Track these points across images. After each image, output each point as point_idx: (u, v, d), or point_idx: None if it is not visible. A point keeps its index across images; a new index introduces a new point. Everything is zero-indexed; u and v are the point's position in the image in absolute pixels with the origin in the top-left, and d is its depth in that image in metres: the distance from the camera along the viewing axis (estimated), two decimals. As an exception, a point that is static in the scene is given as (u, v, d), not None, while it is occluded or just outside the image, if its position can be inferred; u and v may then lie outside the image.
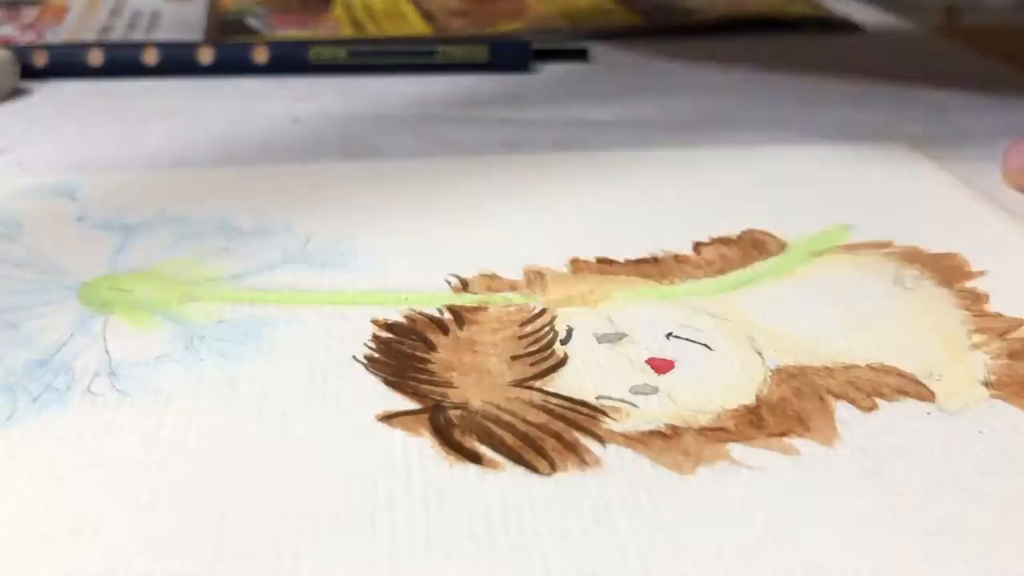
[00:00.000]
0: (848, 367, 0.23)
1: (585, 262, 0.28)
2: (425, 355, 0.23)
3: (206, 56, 0.44)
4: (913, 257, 0.28)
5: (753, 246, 0.29)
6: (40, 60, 0.44)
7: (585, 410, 0.21)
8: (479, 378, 0.22)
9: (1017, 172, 0.28)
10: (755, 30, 0.51)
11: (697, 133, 0.37)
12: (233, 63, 0.44)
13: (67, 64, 0.44)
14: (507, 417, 0.21)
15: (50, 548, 0.18)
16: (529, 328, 0.24)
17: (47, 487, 0.19)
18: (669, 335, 0.24)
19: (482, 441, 0.20)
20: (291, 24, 0.51)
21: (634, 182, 0.33)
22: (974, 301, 0.26)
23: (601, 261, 0.28)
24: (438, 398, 0.22)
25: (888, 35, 0.52)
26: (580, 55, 0.46)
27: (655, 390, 0.22)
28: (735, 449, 0.20)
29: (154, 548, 0.18)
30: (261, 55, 0.45)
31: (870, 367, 0.23)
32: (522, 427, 0.21)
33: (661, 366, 0.23)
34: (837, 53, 0.48)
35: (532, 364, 0.23)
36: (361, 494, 0.19)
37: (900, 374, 0.23)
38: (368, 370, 0.23)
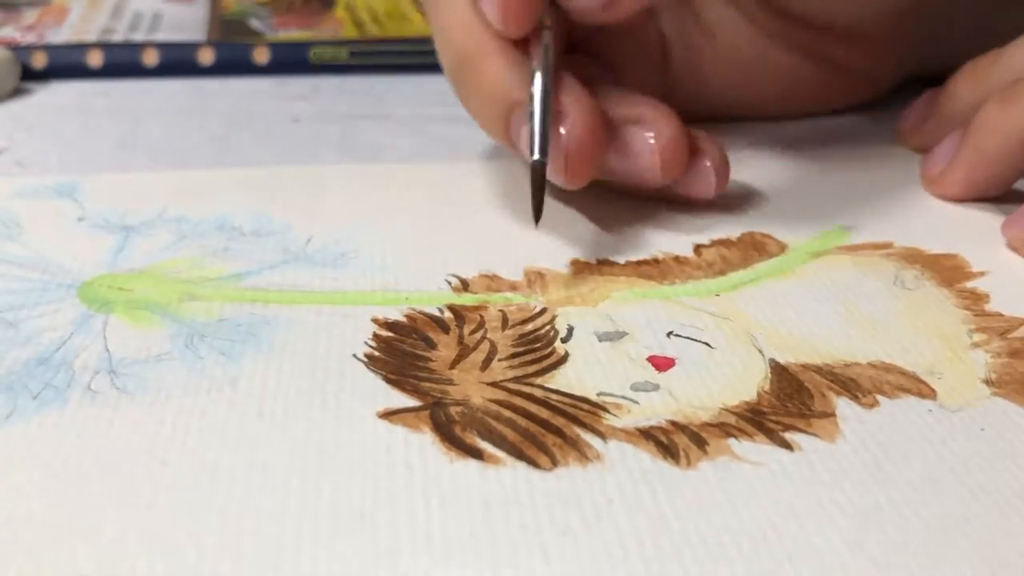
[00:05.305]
0: (849, 365, 0.23)
1: (585, 263, 0.28)
2: (426, 353, 0.23)
3: (206, 57, 0.44)
4: (913, 257, 0.28)
5: (753, 247, 0.29)
6: (40, 61, 0.44)
7: (586, 406, 0.21)
8: (479, 376, 0.22)
9: (1021, 242, 0.29)
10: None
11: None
12: (233, 63, 0.45)
13: (67, 65, 0.44)
14: (508, 413, 0.21)
15: (50, 547, 0.18)
16: (530, 327, 0.25)
17: (47, 485, 0.19)
18: (670, 334, 0.24)
19: (483, 437, 0.20)
20: (293, 25, 0.51)
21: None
22: (974, 301, 0.26)
23: (601, 262, 0.28)
24: (439, 395, 0.22)
25: None
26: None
27: (656, 387, 0.22)
28: (736, 445, 0.20)
29: (154, 546, 0.18)
30: (261, 55, 0.45)
31: (871, 365, 0.23)
32: (523, 423, 0.21)
33: (662, 363, 0.23)
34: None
35: (533, 362, 0.23)
36: (362, 491, 0.19)
37: (901, 372, 0.23)
38: (368, 368, 0.23)
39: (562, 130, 0.27)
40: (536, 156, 0.27)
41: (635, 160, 0.29)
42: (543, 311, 0.25)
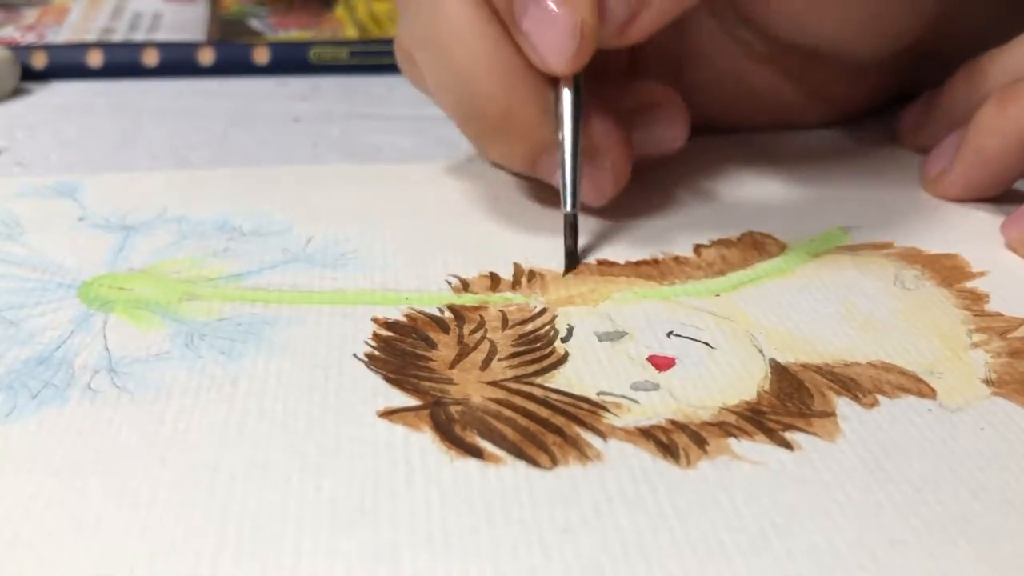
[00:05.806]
0: (849, 365, 0.23)
1: (585, 263, 0.28)
2: (426, 353, 0.23)
3: (206, 57, 0.44)
4: (913, 257, 0.28)
5: (753, 247, 0.29)
6: (40, 61, 0.44)
7: (586, 406, 0.21)
8: (479, 375, 0.22)
9: (1020, 242, 0.29)
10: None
11: (694, 132, 0.37)
12: (233, 63, 0.45)
13: (67, 65, 0.44)
14: (508, 412, 0.21)
15: (49, 546, 0.18)
16: (530, 326, 0.25)
17: (46, 484, 0.19)
18: (670, 333, 0.24)
19: (483, 436, 0.20)
20: (292, 25, 0.51)
21: (633, 183, 0.33)
22: (974, 301, 0.26)
23: (601, 262, 0.28)
24: (438, 395, 0.22)
25: None
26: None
27: (656, 387, 0.22)
28: (736, 444, 0.20)
29: (154, 545, 0.18)
30: (261, 56, 0.45)
31: (871, 365, 0.23)
32: (523, 422, 0.21)
33: (662, 363, 0.23)
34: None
35: (533, 361, 0.23)
36: (362, 489, 0.19)
37: (901, 372, 0.23)
38: (368, 368, 0.23)
39: (599, 166, 0.29)
40: (568, 209, 0.28)
41: (665, 137, 0.32)
42: (543, 311, 0.25)
